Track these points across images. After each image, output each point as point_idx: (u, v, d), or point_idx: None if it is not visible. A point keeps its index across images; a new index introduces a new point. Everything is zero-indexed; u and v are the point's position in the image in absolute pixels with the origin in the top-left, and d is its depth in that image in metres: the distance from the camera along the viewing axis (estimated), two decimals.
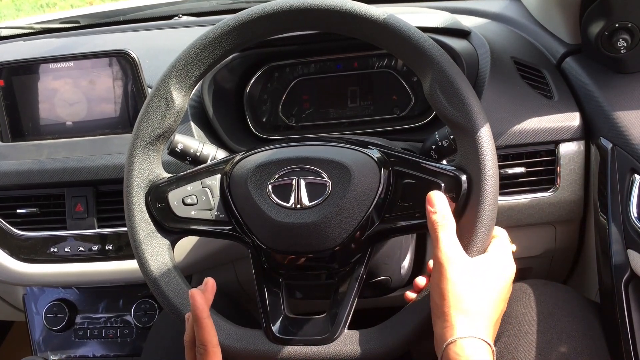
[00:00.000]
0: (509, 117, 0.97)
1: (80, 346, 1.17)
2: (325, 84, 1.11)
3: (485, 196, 0.68)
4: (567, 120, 0.97)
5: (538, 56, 1.11)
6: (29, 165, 1.05)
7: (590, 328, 0.87)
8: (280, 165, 0.74)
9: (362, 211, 0.72)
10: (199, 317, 0.70)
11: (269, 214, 0.73)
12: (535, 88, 1.01)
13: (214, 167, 0.79)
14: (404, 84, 1.08)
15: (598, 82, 0.97)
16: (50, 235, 1.07)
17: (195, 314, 0.70)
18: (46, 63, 1.05)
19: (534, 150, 0.98)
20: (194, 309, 0.70)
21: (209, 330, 0.71)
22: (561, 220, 1.02)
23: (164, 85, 0.77)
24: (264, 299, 0.76)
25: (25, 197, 1.08)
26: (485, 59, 1.03)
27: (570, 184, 0.97)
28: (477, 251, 0.68)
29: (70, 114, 1.08)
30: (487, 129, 0.69)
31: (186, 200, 0.78)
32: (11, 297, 1.28)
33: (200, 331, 0.71)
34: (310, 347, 0.72)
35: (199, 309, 0.70)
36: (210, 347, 0.70)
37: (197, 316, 0.70)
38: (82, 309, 1.19)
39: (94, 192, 1.06)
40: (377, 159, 0.74)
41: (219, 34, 0.75)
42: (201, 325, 0.70)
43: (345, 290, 0.74)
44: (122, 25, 1.53)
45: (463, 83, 0.70)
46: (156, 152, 0.79)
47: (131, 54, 1.03)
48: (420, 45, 0.70)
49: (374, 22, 0.71)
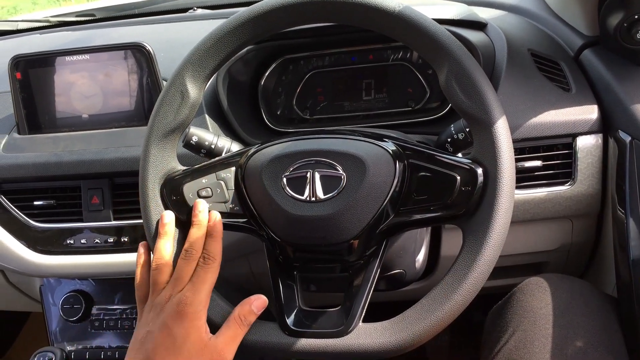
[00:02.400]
0: (525, 109, 0.96)
1: (96, 337, 1.18)
2: (340, 77, 1.11)
3: (502, 189, 0.67)
4: (584, 113, 0.95)
5: (555, 48, 1.09)
6: (46, 157, 1.06)
7: (607, 323, 0.86)
8: (294, 158, 0.74)
9: (376, 204, 0.71)
10: (218, 230, 0.74)
11: (284, 206, 0.73)
12: (552, 80, 1.00)
13: (229, 160, 0.79)
14: (419, 77, 1.07)
15: (616, 75, 0.96)
16: (67, 227, 1.08)
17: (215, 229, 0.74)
18: (62, 56, 1.06)
19: (551, 144, 0.97)
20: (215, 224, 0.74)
21: (221, 244, 0.74)
22: (578, 214, 1.01)
23: (179, 78, 0.77)
24: (278, 292, 0.76)
25: (42, 189, 1.09)
26: (502, 51, 1.02)
27: (588, 178, 0.96)
28: (492, 245, 0.67)
29: (86, 106, 1.08)
30: (503, 122, 0.69)
31: (201, 192, 0.78)
32: (28, 288, 1.29)
33: (214, 243, 0.74)
34: (324, 340, 0.72)
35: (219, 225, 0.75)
36: (218, 258, 0.73)
37: (217, 230, 0.74)
38: (98, 300, 1.19)
39: (110, 185, 1.06)
40: (392, 152, 0.73)
41: (234, 27, 0.75)
42: (216, 238, 0.74)
43: (360, 283, 0.74)
44: (137, 18, 1.54)
45: (479, 75, 0.69)
46: (171, 145, 0.79)
47: (146, 47, 1.03)
48: (436, 37, 0.70)
49: (389, 13, 0.70)
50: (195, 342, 0.69)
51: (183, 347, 0.68)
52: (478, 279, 0.67)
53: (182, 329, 0.69)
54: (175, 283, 0.72)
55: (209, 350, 0.70)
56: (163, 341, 0.69)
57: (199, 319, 0.70)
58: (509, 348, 0.85)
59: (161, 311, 0.70)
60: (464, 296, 0.67)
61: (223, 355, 0.70)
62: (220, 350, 0.70)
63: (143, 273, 0.76)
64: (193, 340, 0.69)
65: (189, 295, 0.70)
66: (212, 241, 0.74)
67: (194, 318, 0.69)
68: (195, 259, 0.73)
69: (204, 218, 0.75)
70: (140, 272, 0.76)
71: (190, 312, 0.69)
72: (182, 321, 0.69)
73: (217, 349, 0.70)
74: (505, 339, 0.87)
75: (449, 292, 0.68)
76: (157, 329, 0.69)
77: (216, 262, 0.73)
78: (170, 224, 0.76)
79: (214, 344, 0.70)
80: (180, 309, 0.69)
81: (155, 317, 0.71)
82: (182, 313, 0.69)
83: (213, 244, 0.73)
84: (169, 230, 0.75)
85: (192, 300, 0.70)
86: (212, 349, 0.70)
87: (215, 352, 0.70)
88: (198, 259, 0.73)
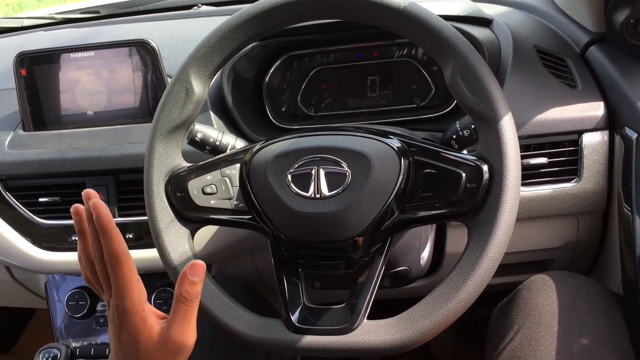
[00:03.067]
0: (531, 106, 0.95)
1: (101, 333, 1.18)
2: (344, 74, 1.10)
3: (507, 186, 0.67)
4: (590, 110, 0.95)
5: (561, 45, 1.09)
6: (51, 154, 1.06)
7: (613, 320, 0.86)
8: (299, 155, 0.74)
9: (381, 201, 0.71)
10: (106, 227, 0.62)
11: (288, 203, 0.72)
12: (558, 77, 0.99)
13: (234, 157, 0.79)
14: (424, 73, 1.07)
15: (623, 71, 0.95)
16: (72, 224, 1.08)
17: (102, 225, 0.62)
18: (67, 53, 1.06)
19: (557, 140, 0.96)
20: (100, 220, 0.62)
21: (119, 239, 0.63)
22: (584, 212, 1.01)
23: (184, 75, 0.77)
24: (283, 289, 0.76)
25: (47, 186, 1.09)
26: (508, 47, 1.01)
27: (594, 175, 0.96)
28: (497, 243, 0.67)
29: (91, 103, 1.09)
30: (509, 119, 0.68)
31: (206, 189, 0.78)
32: (33, 285, 1.29)
33: (109, 242, 0.63)
34: (329, 337, 0.72)
35: (104, 219, 0.62)
36: (122, 256, 0.63)
37: (105, 227, 0.62)
38: None
39: (115, 181, 1.06)
40: (397, 149, 0.73)
41: (238, 23, 0.75)
42: (110, 236, 0.63)
43: (365, 281, 0.74)
44: (142, 15, 1.54)
45: (485, 72, 0.69)
46: (176, 142, 0.79)
47: (151, 44, 1.03)
48: (441, 33, 0.69)
49: (394, 10, 0.70)
50: (147, 342, 0.65)
51: (138, 351, 0.65)
52: (483, 277, 0.67)
53: (129, 337, 0.65)
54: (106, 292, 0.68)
55: (163, 342, 0.65)
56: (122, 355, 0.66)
57: (139, 320, 0.65)
58: (514, 345, 0.85)
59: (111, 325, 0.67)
60: (469, 293, 0.67)
61: (180, 342, 0.65)
62: (175, 338, 0.65)
63: None
64: (145, 342, 0.65)
65: (117, 302, 0.65)
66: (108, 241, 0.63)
67: (134, 321, 0.65)
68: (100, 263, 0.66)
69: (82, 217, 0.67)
70: None
71: (126, 318, 0.65)
72: (127, 330, 0.65)
73: (172, 339, 0.65)
74: (511, 337, 0.86)
75: (454, 289, 0.68)
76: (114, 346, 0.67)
77: (119, 260, 0.63)
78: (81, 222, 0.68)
79: (167, 335, 0.65)
80: (119, 321, 0.65)
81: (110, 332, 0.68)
82: (121, 324, 0.65)
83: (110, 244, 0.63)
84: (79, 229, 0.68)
85: (122, 307, 0.64)
86: (165, 340, 0.65)
87: (170, 342, 0.65)
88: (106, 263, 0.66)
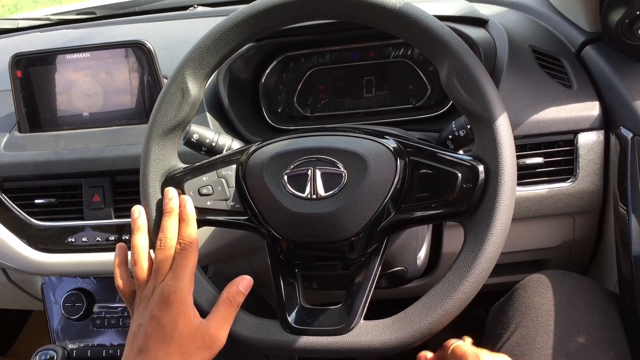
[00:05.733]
0: (527, 106, 0.95)
1: (98, 335, 1.18)
2: (340, 74, 1.10)
3: (503, 186, 0.67)
4: (586, 110, 0.95)
5: (557, 45, 1.09)
6: (47, 155, 1.06)
7: (609, 319, 0.86)
8: (295, 156, 0.74)
9: (378, 201, 0.71)
10: (191, 216, 0.75)
11: (285, 204, 0.72)
12: (554, 77, 0.99)
13: (230, 158, 0.79)
14: (420, 74, 1.07)
15: (618, 71, 0.95)
16: (68, 226, 1.08)
17: (187, 213, 0.75)
18: (63, 54, 1.06)
19: (553, 140, 0.96)
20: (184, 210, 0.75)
21: (196, 229, 0.75)
22: (580, 211, 1.01)
23: (180, 76, 0.77)
24: (279, 290, 0.76)
25: (43, 188, 1.09)
26: (503, 47, 1.01)
27: (589, 174, 0.96)
28: (493, 242, 0.67)
29: (86, 104, 1.08)
30: (504, 119, 0.68)
31: (202, 190, 0.78)
32: (30, 287, 1.29)
33: (189, 228, 0.74)
34: (326, 337, 0.72)
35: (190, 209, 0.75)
36: (195, 243, 0.73)
37: (189, 215, 0.75)
38: (100, 298, 1.19)
39: (111, 183, 1.06)
40: (393, 149, 0.73)
41: (234, 24, 0.75)
42: (191, 224, 0.74)
43: (361, 281, 0.74)
44: (138, 15, 1.54)
45: (481, 72, 0.69)
46: (172, 143, 0.79)
47: (147, 45, 1.03)
48: (437, 33, 0.69)
49: (389, 10, 0.70)
50: (184, 327, 0.70)
51: (174, 335, 0.69)
52: (480, 276, 0.67)
53: (169, 317, 0.70)
54: (155, 274, 0.72)
55: (200, 333, 0.71)
56: (153, 332, 0.70)
57: (185, 305, 0.71)
58: (510, 344, 0.85)
59: (148, 303, 0.71)
60: (465, 293, 0.67)
61: (215, 337, 0.71)
62: (212, 333, 0.71)
63: (122, 272, 0.77)
64: (182, 326, 0.70)
65: (171, 284, 0.71)
66: (185, 226, 0.74)
67: (180, 305, 0.70)
68: (170, 247, 0.73)
69: (175, 205, 0.75)
70: (119, 272, 0.77)
71: (175, 299, 0.70)
72: (168, 310, 0.70)
73: (209, 332, 0.71)
74: (507, 336, 0.87)
75: (451, 289, 0.68)
76: (147, 321, 0.70)
77: (192, 246, 0.73)
78: (140, 218, 0.76)
79: (205, 327, 0.71)
80: (165, 299, 0.70)
81: (143, 310, 0.72)
82: (167, 302, 0.70)
83: (186, 229, 0.74)
84: (142, 225, 0.76)
85: (175, 288, 0.70)
86: (203, 332, 0.71)
87: (206, 335, 0.71)
88: (175, 247, 0.73)
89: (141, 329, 0.71)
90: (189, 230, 0.74)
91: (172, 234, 0.73)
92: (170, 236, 0.73)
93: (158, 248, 0.73)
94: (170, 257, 0.73)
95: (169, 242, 0.73)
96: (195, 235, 0.74)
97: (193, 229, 0.74)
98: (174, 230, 0.74)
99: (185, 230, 0.74)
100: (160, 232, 0.74)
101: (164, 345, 0.69)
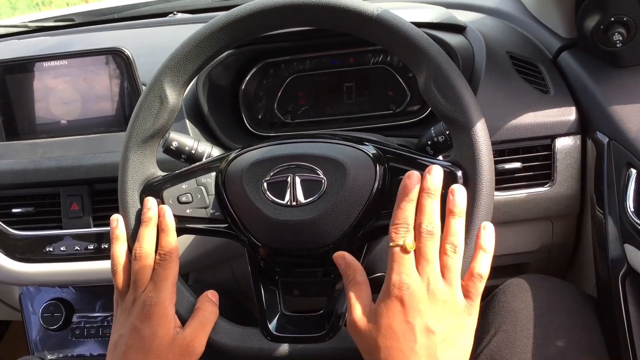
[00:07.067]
0: (504, 112, 0.96)
1: (78, 345, 1.17)
2: (321, 81, 1.11)
3: (481, 191, 0.67)
4: (563, 115, 0.96)
5: (534, 51, 1.10)
6: (24, 164, 1.05)
7: (588, 322, 0.87)
8: (275, 163, 0.74)
9: (358, 207, 0.71)
10: (170, 227, 0.74)
11: (265, 211, 0.72)
12: (531, 83, 1.00)
13: (209, 165, 0.79)
14: (400, 80, 1.08)
15: (594, 76, 0.97)
16: (46, 235, 1.07)
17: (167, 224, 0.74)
18: (40, 61, 1.04)
19: (530, 145, 0.97)
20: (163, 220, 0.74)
21: (176, 239, 0.75)
22: (558, 215, 1.02)
23: (158, 83, 0.76)
24: (260, 297, 0.76)
25: (21, 197, 1.08)
26: (481, 54, 1.02)
27: (567, 179, 0.97)
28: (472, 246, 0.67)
29: (65, 112, 1.07)
30: (482, 124, 0.69)
31: (181, 198, 0.77)
32: (7, 297, 1.27)
33: (166, 238, 0.74)
34: (307, 345, 0.72)
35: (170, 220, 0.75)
36: (175, 254, 0.73)
37: (169, 226, 0.74)
38: (79, 308, 1.18)
39: (90, 191, 1.05)
40: (373, 155, 0.73)
41: (212, 31, 0.74)
42: (169, 232, 0.74)
43: (342, 288, 0.74)
44: (117, 22, 1.52)
45: (458, 78, 0.69)
46: (151, 151, 0.79)
47: (125, 52, 1.02)
48: (414, 40, 0.70)
49: (367, 17, 0.70)
50: (163, 338, 0.70)
51: (152, 345, 0.70)
52: None
53: (150, 329, 0.70)
54: (135, 286, 0.72)
55: (177, 343, 0.71)
56: (133, 343, 0.70)
57: (166, 316, 0.71)
58: (491, 349, 0.85)
59: (129, 315, 0.71)
60: None
61: (192, 345, 0.71)
62: (189, 342, 0.71)
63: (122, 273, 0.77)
64: (161, 337, 0.70)
65: (152, 295, 0.71)
66: (165, 236, 0.74)
67: (161, 316, 0.70)
68: (146, 256, 0.73)
69: (153, 215, 0.75)
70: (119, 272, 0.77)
71: (156, 312, 0.70)
72: (149, 321, 0.70)
73: (186, 341, 0.71)
74: (487, 340, 0.87)
75: None
76: (127, 332, 0.70)
77: (172, 256, 0.73)
78: (119, 227, 0.76)
79: (182, 337, 0.71)
80: (147, 311, 0.70)
81: (124, 320, 0.72)
82: (148, 314, 0.70)
83: (166, 239, 0.74)
84: (120, 234, 0.76)
85: (156, 300, 0.70)
86: (180, 341, 0.71)
87: (184, 345, 0.71)
88: (153, 257, 0.73)
89: (121, 340, 0.71)
90: (169, 239, 0.74)
91: (148, 244, 0.73)
92: (146, 246, 0.73)
93: (134, 259, 0.73)
94: (148, 267, 0.72)
95: (145, 252, 0.72)
96: (175, 244, 0.74)
97: (172, 238, 0.74)
98: (151, 240, 0.73)
99: (164, 240, 0.73)
100: (136, 242, 0.73)
101: (142, 355, 0.69)
